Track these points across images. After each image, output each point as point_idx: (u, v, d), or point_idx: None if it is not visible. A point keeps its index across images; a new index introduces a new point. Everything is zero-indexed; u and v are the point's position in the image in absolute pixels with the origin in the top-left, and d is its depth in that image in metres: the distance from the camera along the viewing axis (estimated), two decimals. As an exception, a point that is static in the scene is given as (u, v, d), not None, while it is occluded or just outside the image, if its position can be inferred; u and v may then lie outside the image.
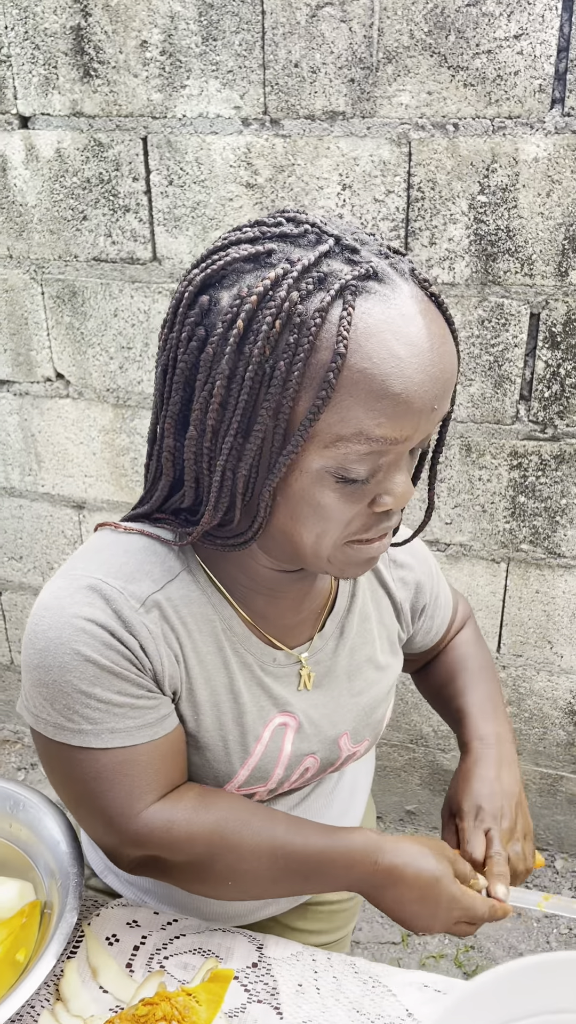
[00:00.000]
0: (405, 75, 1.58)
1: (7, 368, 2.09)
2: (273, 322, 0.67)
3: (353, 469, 0.70)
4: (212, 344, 0.70)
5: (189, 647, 0.82)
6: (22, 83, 1.79)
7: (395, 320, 0.67)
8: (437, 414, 0.71)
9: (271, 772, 0.89)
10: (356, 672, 0.95)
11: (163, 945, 0.86)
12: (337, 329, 0.66)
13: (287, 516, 0.75)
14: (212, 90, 1.68)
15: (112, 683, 0.77)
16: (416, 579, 1.01)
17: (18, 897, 0.84)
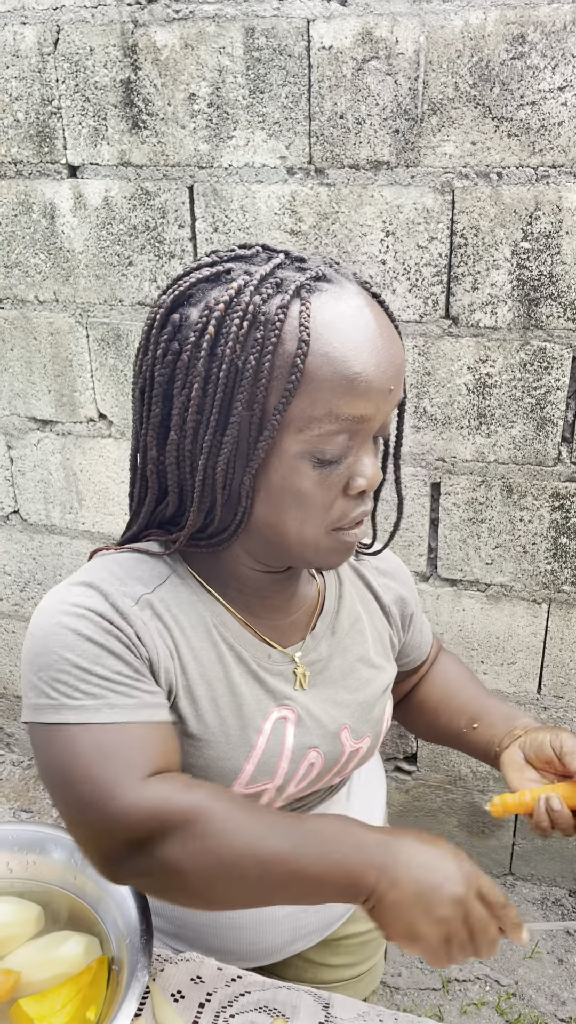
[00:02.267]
0: (449, 126, 1.60)
1: (51, 408, 2.12)
2: (241, 323, 0.75)
3: (327, 450, 0.77)
4: (187, 352, 0.77)
5: (183, 644, 0.85)
6: (72, 134, 1.84)
7: (347, 312, 0.76)
8: (394, 396, 0.79)
9: (276, 765, 0.89)
10: (350, 671, 0.98)
11: (228, 1003, 0.86)
12: (299, 322, 0.74)
13: (270, 508, 0.80)
14: (258, 140, 1.72)
15: (110, 662, 0.80)
16: (400, 587, 1.08)
17: (85, 953, 0.84)
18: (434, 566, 1.96)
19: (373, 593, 1.05)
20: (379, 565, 1.07)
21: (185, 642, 0.85)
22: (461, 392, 1.78)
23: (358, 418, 0.77)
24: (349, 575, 1.04)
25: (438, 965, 0.75)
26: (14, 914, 0.88)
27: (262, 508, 0.81)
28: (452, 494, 1.88)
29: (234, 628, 0.89)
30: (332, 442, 0.77)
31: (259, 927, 0.99)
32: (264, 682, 0.90)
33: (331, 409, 0.75)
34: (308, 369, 0.74)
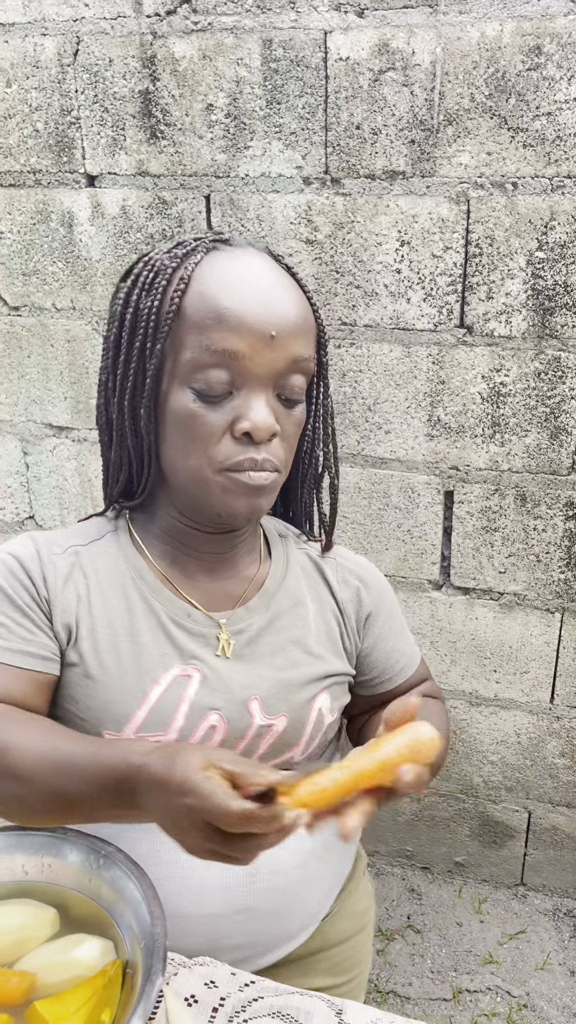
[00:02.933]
0: (465, 136, 1.61)
1: (67, 415, 2.14)
2: (147, 274, 0.87)
3: (204, 382, 0.84)
4: (116, 304, 0.90)
5: (96, 591, 0.93)
6: (90, 144, 1.86)
7: (235, 264, 0.85)
8: (279, 346, 0.84)
9: (170, 719, 0.91)
10: (280, 650, 0.98)
11: (242, 1007, 0.86)
12: (184, 268, 0.85)
13: (168, 447, 0.89)
14: (275, 151, 1.73)
15: (2, 606, 0.90)
16: (362, 589, 1.05)
17: (100, 956, 0.84)
18: (447, 574, 1.96)
19: (329, 587, 1.04)
20: (344, 563, 1.07)
21: (98, 590, 0.93)
22: (475, 401, 1.79)
23: (229, 352, 0.83)
24: (303, 563, 1.05)
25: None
26: (29, 916, 0.88)
27: (164, 446, 0.90)
28: (465, 503, 1.88)
29: (152, 582, 0.95)
30: (208, 376, 0.84)
31: (171, 920, 0.94)
32: (173, 638, 0.94)
33: (202, 340, 0.83)
34: (184, 305, 0.84)
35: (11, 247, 2.01)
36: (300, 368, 0.88)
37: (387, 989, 2.00)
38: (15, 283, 2.04)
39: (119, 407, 0.91)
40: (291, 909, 1.00)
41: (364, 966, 1.16)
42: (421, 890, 2.27)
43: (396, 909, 2.22)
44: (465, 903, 2.22)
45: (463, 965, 2.06)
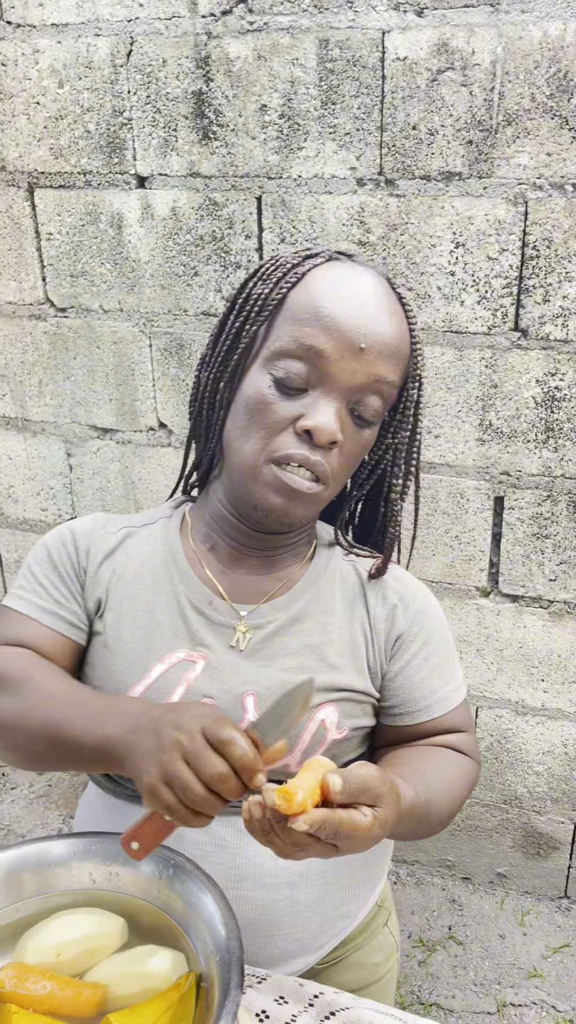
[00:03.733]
0: (524, 137, 1.59)
1: (111, 417, 2.13)
2: (269, 267, 0.91)
3: (285, 373, 0.86)
4: (234, 293, 0.94)
5: (131, 569, 0.98)
6: (142, 145, 1.85)
7: (348, 276, 0.87)
8: (367, 360, 0.85)
9: (165, 698, 0.93)
10: (294, 653, 0.95)
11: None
12: (304, 266, 0.88)
13: (232, 425, 0.92)
14: (329, 151, 1.72)
15: (45, 568, 0.99)
16: (399, 610, 0.99)
17: (172, 968, 0.83)
18: (495, 581, 1.93)
19: (365, 601, 1.00)
20: (390, 581, 1.01)
21: (133, 568, 0.98)
22: (528, 405, 1.76)
23: (315, 350, 0.85)
24: (345, 574, 1.01)
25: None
26: (98, 926, 0.87)
27: (229, 424, 0.93)
28: (516, 508, 1.85)
29: (182, 566, 0.98)
30: (289, 366, 0.86)
31: None
32: (189, 623, 0.96)
33: (293, 331, 0.86)
34: (290, 296, 0.87)
35: (59, 248, 2.01)
36: (379, 390, 0.88)
37: (430, 1001, 1.97)
38: (62, 284, 2.04)
39: (208, 382, 0.96)
40: (275, 929, 0.95)
41: (388, 961, 1.10)
42: (462, 901, 2.24)
43: (437, 920, 2.19)
44: (507, 915, 2.19)
45: (507, 978, 2.03)
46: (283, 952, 0.97)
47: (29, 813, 2.52)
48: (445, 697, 1.01)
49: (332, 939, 1.01)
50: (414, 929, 2.16)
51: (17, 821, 2.49)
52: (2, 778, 2.66)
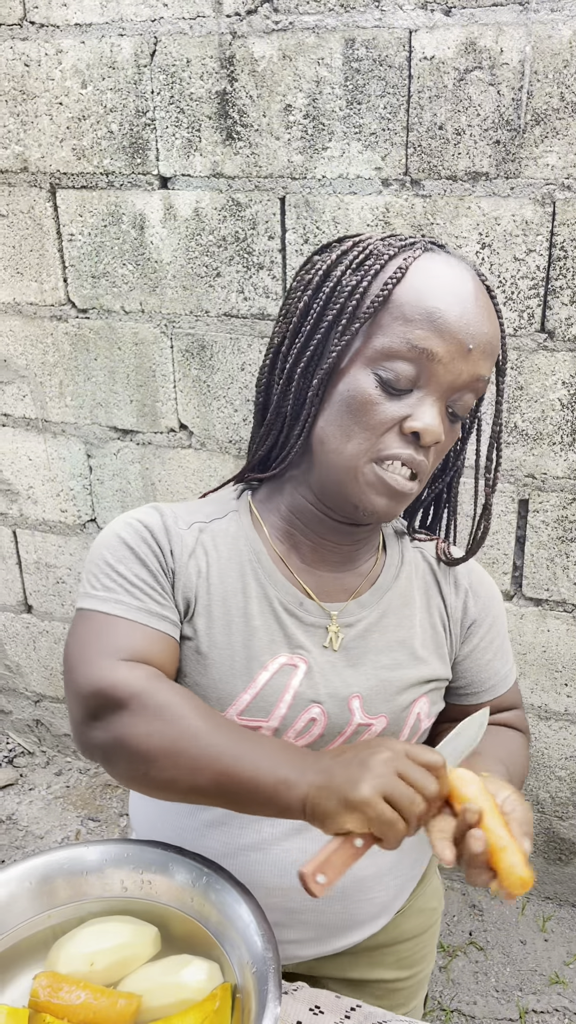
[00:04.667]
0: (553, 136, 1.57)
1: (132, 418, 2.13)
2: (358, 255, 0.87)
3: (394, 374, 0.84)
4: (311, 274, 0.89)
5: (215, 568, 0.93)
6: (165, 145, 1.84)
7: (448, 273, 0.85)
8: (473, 361, 0.84)
9: (274, 706, 0.91)
10: (386, 649, 0.97)
11: (351, 1037, 0.84)
12: (403, 260, 0.84)
13: (328, 419, 0.88)
14: (354, 152, 1.70)
15: (134, 566, 0.91)
16: (471, 598, 1.04)
17: (208, 979, 0.82)
18: (519, 584, 1.92)
19: (439, 589, 1.04)
20: (458, 572, 1.06)
21: (217, 568, 0.93)
22: (555, 407, 1.74)
23: (427, 353, 0.83)
24: (416, 563, 1.04)
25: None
26: (131, 935, 0.86)
27: (323, 420, 0.89)
28: (541, 511, 1.83)
29: (268, 567, 0.95)
30: (397, 367, 0.84)
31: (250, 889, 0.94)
32: (284, 625, 0.94)
33: (404, 334, 0.83)
34: (396, 293, 0.84)
35: (81, 249, 2.00)
36: (477, 388, 0.88)
37: (451, 1007, 1.96)
38: (84, 285, 2.04)
39: (288, 373, 0.91)
40: (363, 894, 0.99)
41: (428, 962, 1.16)
42: (482, 906, 2.22)
43: (457, 925, 2.17)
44: (528, 920, 2.17)
45: (528, 985, 2.01)
46: (369, 914, 1.02)
47: (47, 814, 2.52)
48: (505, 676, 1.08)
49: (407, 894, 1.08)
50: (434, 934, 2.14)
51: (35, 822, 2.49)
52: (20, 779, 2.66)
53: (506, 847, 0.73)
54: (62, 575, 2.42)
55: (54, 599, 2.46)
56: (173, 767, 0.80)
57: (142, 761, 0.81)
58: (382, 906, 1.03)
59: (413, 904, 1.10)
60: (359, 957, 1.05)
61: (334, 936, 1.00)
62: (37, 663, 2.59)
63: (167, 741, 0.80)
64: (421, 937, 1.12)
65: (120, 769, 0.84)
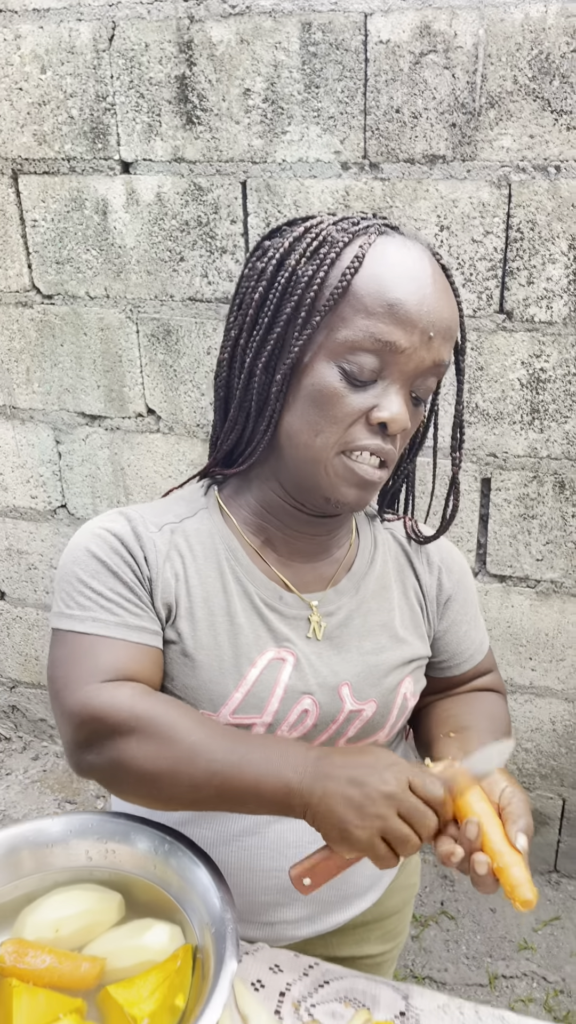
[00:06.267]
0: (507, 119, 1.60)
1: (100, 404, 2.14)
2: (311, 242, 0.85)
3: (357, 366, 0.83)
4: (262, 263, 0.88)
5: (192, 569, 0.93)
6: (125, 130, 1.85)
7: (405, 256, 0.84)
8: (434, 348, 0.84)
9: (266, 701, 0.91)
10: (368, 633, 0.98)
11: (308, 993, 0.87)
12: (359, 246, 0.83)
13: (294, 415, 0.87)
14: (312, 135, 1.72)
15: (107, 580, 0.89)
16: (444, 575, 1.07)
17: (169, 940, 0.85)
18: (483, 562, 1.96)
19: (413, 569, 1.06)
20: (429, 549, 1.08)
21: (195, 569, 0.93)
22: (514, 387, 1.77)
23: (390, 345, 0.82)
24: (388, 545, 1.05)
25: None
26: (95, 902, 0.89)
27: (289, 415, 0.88)
28: (503, 490, 1.87)
29: (245, 563, 0.95)
30: (363, 360, 0.83)
31: (245, 873, 0.98)
32: (267, 620, 0.94)
33: (367, 327, 0.82)
34: (355, 284, 0.82)
35: (45, 235, 2.01)
36: (438, 372, 0.88)
37: (423, 975, 2.01)
38: (48, 271, 2.04)
39: (249, 367, 0.89)
40: (358, 872, 1.02)
41: (405, 934, 1.21)
42: (453, 877, 2.27)
43: (429, 896, 2.22)
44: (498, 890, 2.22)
45: (498, 951, 2.07)
46: (361, 888, 1.05)
47: (24, 798, 2.54)
48: (481, 644, 1.12)
49: (395, 870, 1.12)
50: (407, 905, 2.19)
51: (12, 806, 2.51)
52: (-3, 764, 2.68)
53: (507, 867, 0.77)
54: (34, 561, 2.43)
55: (27, 585, 2.47)
56: (174, 785, 0.81)
57: (142, 783, 0.82)
58: (372, 880, 1.06)
59: (396, 882, 1.13)
60: (347, 935, 1.07)
61: (328, 913, 1.03)
62: (11, 649, 2.60)
63: (165, 762, 0.80)
64: (402, 911, 1.16)
65: (121, 790, 0.85)
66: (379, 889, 1.09)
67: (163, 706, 0.83)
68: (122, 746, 0.82)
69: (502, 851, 0.78)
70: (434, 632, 1.07)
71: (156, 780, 0.81)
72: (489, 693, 1.12)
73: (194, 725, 0.82)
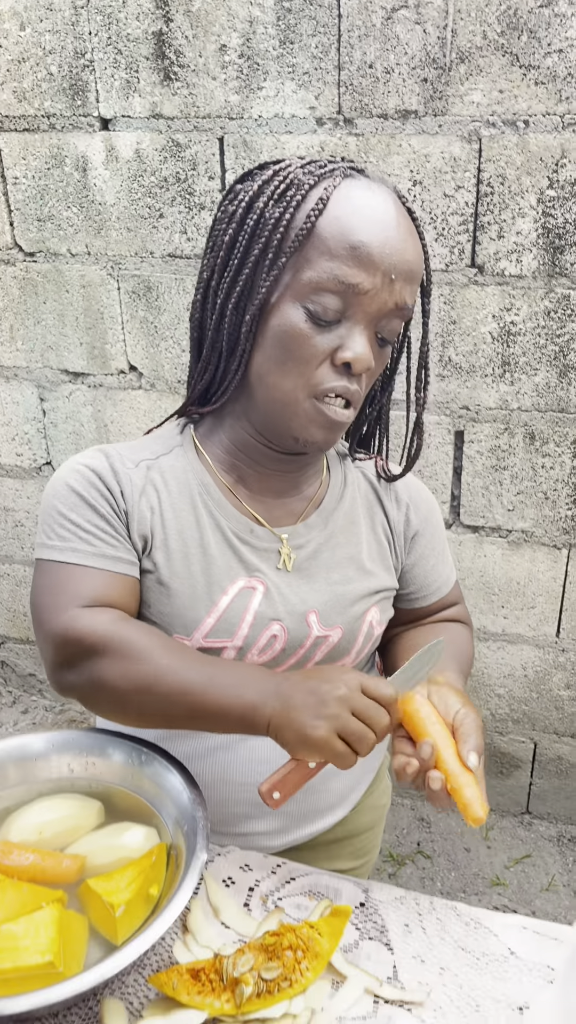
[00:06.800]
0: (477, 74, 1.63)
1: (82, 361, 2.17)
2: (279, 184, 0.88)
3: (321, 307, 0.86)
4: (234, 205, 0.91)
5: (167, 503, 0.98)
6: (104, 87, 1.87)
7: (370, 199, 0.86)
8: (397, 290, 0.87)
9: (236, 627, 0.97)
10: (336, 565, 1.04)
11: (275, 888, 0.93)
12: (324, 189, 0.86)
13: (263, 357, 0.91)
14: (288, 91, 1.75)
15: (85, 513, 0.94)
16: (411, 511, 1.12)
17: (145, 840, 0.91)
18: (457, 513, 2.01)
19: (381, 505, 1.11)
20: (397, 486, 1.13)
21: (169, 503, 0.98)
22: (486, 340, 1.82)
23: (353, 287, 0.85)
24: (358, 482, 1.11)
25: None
26: (76, 808, 0.95)
27: (258, 356, 0.92)
28: (475, 442, 1.92)
29: (217, 497, 1.00)
30: (327, 301, 0.86)
31: (220, 786, 1.05)
32: (239, 552, 0.99)
33: (331, 269, 0.85)
34: (319, 226, 0.85)
35: (26, 192, 2.03)
36: (402, 314, 0.91)
37: (399, 909, 2.09)
38: (30, 229, 2.07)
39: (220, 308, 0.93)
40: (324, 785, 1.09)
41: (375, 852, 1.29)
42: (430, 819, 2.36)
43: (406, 837, 2.31)
44: (472, 831, 2.31)
45: (471, 887, 2.16)
46: (329, 804, 1.12)
47: (14, 750, 2.60)
48: (447, 577, 1.18)
49: (363, 788, 1.18)
50: (384, 846, 2.27)
51: (3, 757, 2.57)
52: (-13, 718, 2.74)
53: (460, 787, 0.83)
54: (20, 518, 2.47)
55: (14, 542, 2.52)
56: (148, 703, 0.86)
57: (118, 700, 0.88)
58: (340, 796, 1.12)
59: (366, 801, 1.20)
60: (318, 851, 1.14)
61: (298, 826, 1.09)
62: (0, 606, 2.66)
63: (139, 680, 0.86)
64: (373, 830, 1.23)
65: (98, 707, 0.92)
66: (348, 805, 1.15)
67: (138, 631, 0.89)
68: (100, 665, 0.88)
69: (455, 772, 0.84)
70: (402, 565, 1.13)
71: (130, 697, 0.87)
72: (454, 623, 1.18)
73: (166, 649, 0.88)
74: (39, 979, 0.75)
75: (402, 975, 0.83)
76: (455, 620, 1.19)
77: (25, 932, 0.78)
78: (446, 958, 0.85)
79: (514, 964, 0.85)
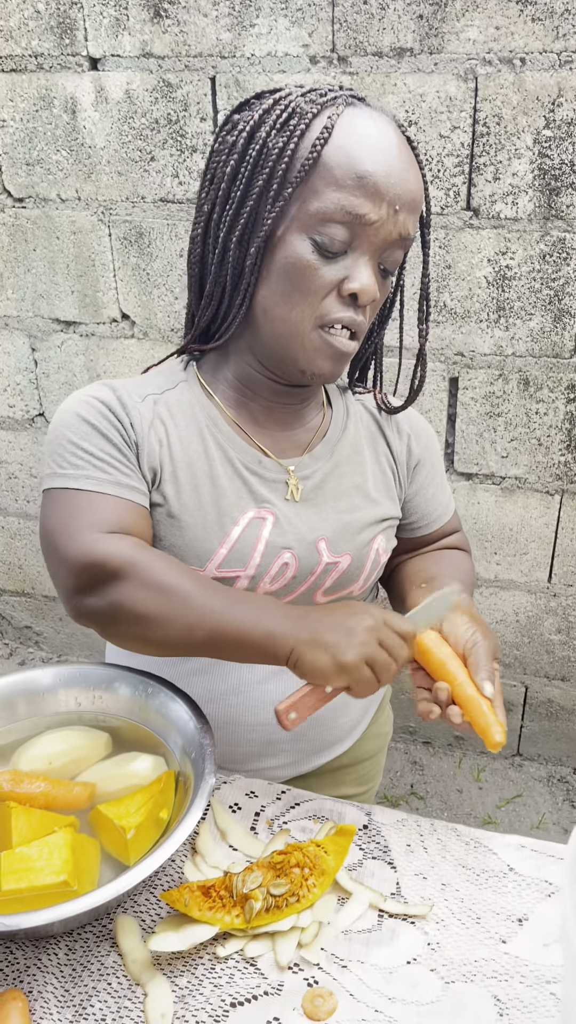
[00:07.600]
0: (473, 10, 1.60)
1: (74, 310, 2.15)
2: (281, 113, 0.87)
3: (328, 238, 0.86)
4: (233, 135, 0.90)
5: (175, 436, 0.98)
6: (93, 25, 1.83)
7: (373, 128, 0.86)
8: (400, 221, 0.87)
9: (249, 556, 0.98)
10: (343, 494, 1.06)
11: (281, 813, 0.96)
12: (327, 118, 0.85)
13: (269, 290, 0.91)
14: (281, 28, 1.71)
15: (97, 441, 0.94)
16: (413, 440, 1.14)
17: (153, 768, 0.93)
18: (451, 461, 2.02)
19: (385, 438, 1.13)
20: (398, 418, 1.15)
21: (177, 436, 0.98)
22: (481, 285, 1.82)
23: (359, 217, 0.85)
24: (360, 414, 1.13)
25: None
26: (85, 739, 0.97)
27: (263, 289, 0.92)
28: (469, 388, 1.93)
29: (225, 430, 1.01)
30: (334, 232, 0.86)
31: (232, 727, 1.07)
32: (248, 483, 1.00)
33: (338, 199, 0.85)
34: (324, 155, 0.85)
35: (14, 136, 1.99)
36: (405, 245, 0.92)
37: (393, 847, 2.15)
38: (19, 173, 2.03)
39: (223, 242, 0.92)
40: (332, 720, 1.11)
41: (379, 778, 1.32)
42: (423, 762, 2.41)
43: (400, 779, 2.36)
44: (465, 773, 2.36)
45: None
46: (337, 737, 1.14)
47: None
48: (447, 506, 1.21)
49: (368, 719, 1.21)
50: (379, 788, 2.32)
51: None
52: (-16, 669, 2.76)
53: (475, 716, 0.87)
54: (14, 470, 2.47)
55: (8, 495, 2.52)
56: (170, 627, 0.86)
57: (140, 623, 0.87)
58: (348, 729, 1.16)
59: (370, 729, 1.23)
60: (324, 777, 1.17)
61: (308, 759, 1.12)
62: (-6, 558, 2.66)
63: (162, 604, 0.86)
64: (376, 757, 1.27)
65: (118, 631, 0.90)
66: (354, 736, 1.18)
67: (159, 557, 0.89)
68: (121, 589, 0.87)
69: (470, 702, 0.88)
70: (404, 495, 1.15)
71: (152, 622, 0.87)
72: (455, 550, 1.21)
73: (190, 575, 0.89)
74: (55, 897, 0.77)
75: (405, 891, 0.86)
76: (455, 547, 1.22)
77: (39, 854, 0.81)
78: (447, 875, 0.88)
79: (513, 879, 0.88)
